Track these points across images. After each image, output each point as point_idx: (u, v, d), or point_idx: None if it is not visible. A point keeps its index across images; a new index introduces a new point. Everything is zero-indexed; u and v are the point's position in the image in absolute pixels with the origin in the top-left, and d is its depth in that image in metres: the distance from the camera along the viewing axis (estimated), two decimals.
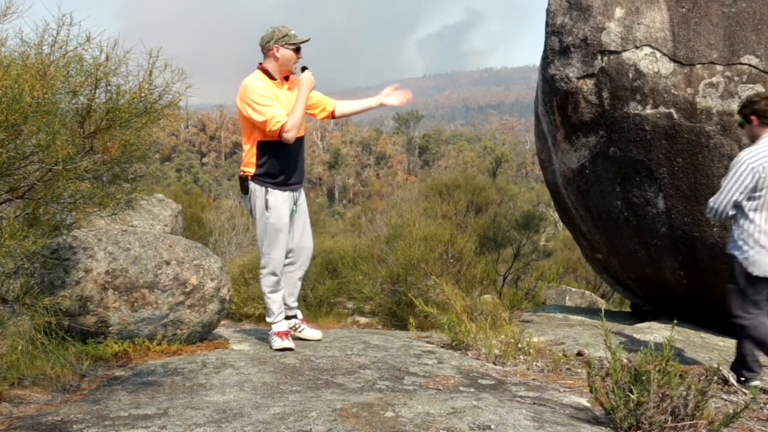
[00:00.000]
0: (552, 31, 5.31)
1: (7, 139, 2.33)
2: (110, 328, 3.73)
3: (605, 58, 4.93)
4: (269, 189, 3.99)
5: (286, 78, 4.09)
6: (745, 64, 4.59)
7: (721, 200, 3.83)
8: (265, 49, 4.02)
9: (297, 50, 4.01)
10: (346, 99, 4.54)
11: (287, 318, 4.38)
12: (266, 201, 3.98)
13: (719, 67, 4.65)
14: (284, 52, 3.97)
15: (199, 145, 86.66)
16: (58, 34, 2.53)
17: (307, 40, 4.04)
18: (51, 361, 3.09)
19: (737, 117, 4.10)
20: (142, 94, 2.78)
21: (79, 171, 2.62)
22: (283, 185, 4.03)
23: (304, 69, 4.05)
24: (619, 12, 4.93)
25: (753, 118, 3.94)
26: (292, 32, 4.00)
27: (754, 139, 3.99)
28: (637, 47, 4.83)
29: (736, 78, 4.61)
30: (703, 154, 4.72)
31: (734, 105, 4.59)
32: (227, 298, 4.22)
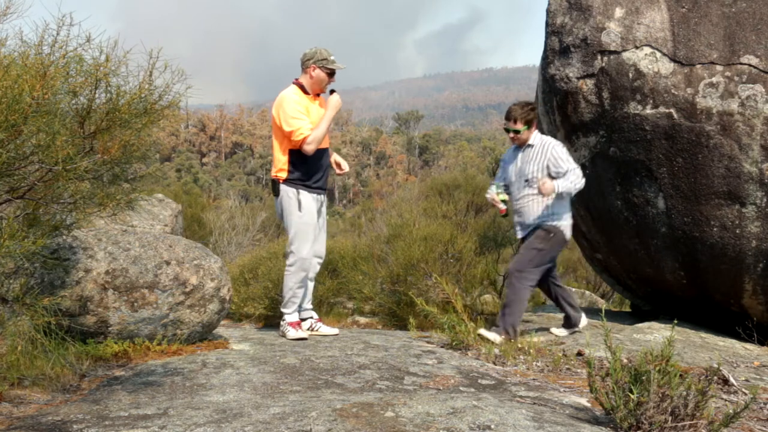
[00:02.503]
0: (552, 31, 5.31)
1: (7, 139, 2.33)
2: (110, 328, 3.73)
3: (605, 58, 4.93)
4: (300, 190, 4.35)
5: (317, 95, 4.51)
6: (745, 64, 4.59)
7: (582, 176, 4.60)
8: (304, 66, 4.43)
9: (331, 74, 4.43)
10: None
11: (303, 320, 4.71)
12: (299, 201, 4.34)
13: (719, 67, 4.65)
14: (319, 73, 4.39)
15: (199, 145, 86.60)
16: (57, 34, 2.54)
17: (342, 68, 4.47)
18: (51, 361, 3.08)
19: (519, 126, 4.69)
20: (142, 95, 2.78)
21: (79, 171, 2.62)
22: (312, 188, 4.39)
23: (332, 92, 4.44)
24: (619, 12, 4.93)
25: (534, 125, 4.77)
26: (331, 57, 4.41)
27: (524, 142, 4.76)
28: (637, 47, 4.83)
29: (736, 78, 4.60)
30: (703, 154, 4.72)
31: (734, 105, 4.59)
32: (227, 298, 4.23)
